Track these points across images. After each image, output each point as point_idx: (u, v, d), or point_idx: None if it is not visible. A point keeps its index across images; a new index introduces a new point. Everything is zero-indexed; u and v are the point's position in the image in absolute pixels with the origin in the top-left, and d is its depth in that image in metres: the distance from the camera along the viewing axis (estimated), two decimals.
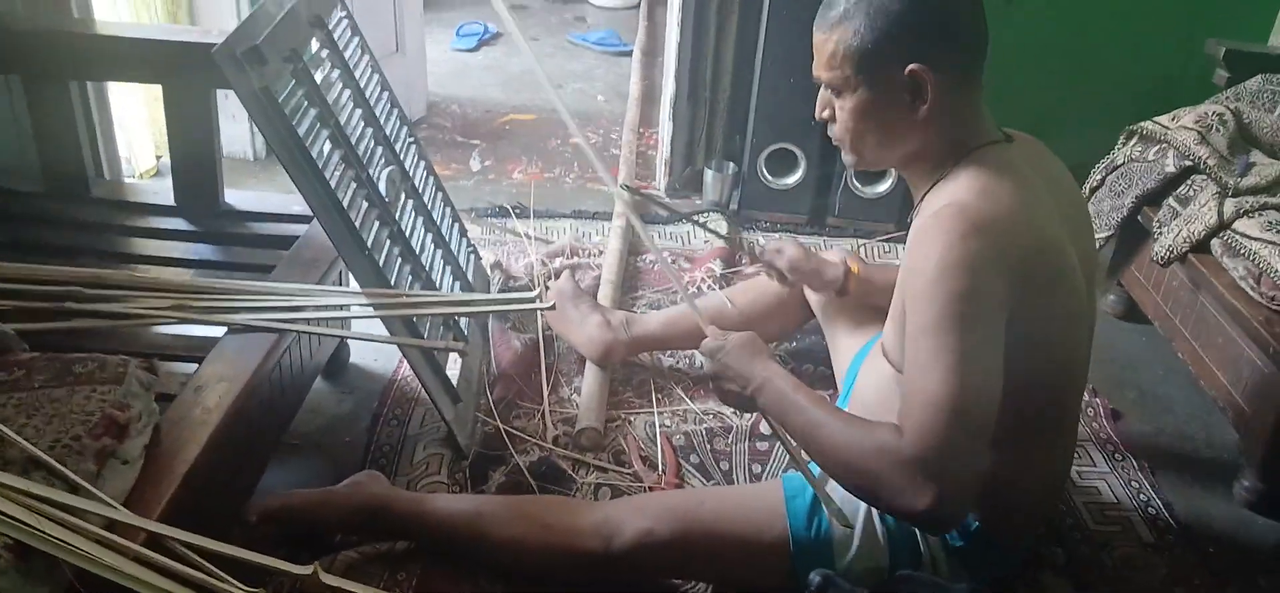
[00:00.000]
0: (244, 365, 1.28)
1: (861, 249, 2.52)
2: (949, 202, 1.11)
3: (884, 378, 1.29)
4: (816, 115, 1.26)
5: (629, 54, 3.96)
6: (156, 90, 2.48)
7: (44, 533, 0.90)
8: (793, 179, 2.56)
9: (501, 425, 1.71)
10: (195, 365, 1.30)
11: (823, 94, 1.23)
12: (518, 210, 2.58)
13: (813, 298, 1.83)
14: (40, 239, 1.56)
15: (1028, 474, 1.27)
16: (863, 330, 1.68)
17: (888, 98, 1.17)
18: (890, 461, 1.06)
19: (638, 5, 4.62)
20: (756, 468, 1.70)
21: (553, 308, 1.89)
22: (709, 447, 1.74)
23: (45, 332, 1.29)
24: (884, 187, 2.54)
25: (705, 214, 2.60)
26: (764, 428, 1.77)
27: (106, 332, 1.34)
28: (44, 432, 1.01)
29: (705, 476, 1.68)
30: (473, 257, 2.06)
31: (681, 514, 1.34)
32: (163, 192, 1.74)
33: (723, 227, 2.51)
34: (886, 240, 2.54)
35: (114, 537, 0.95)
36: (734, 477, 1.68)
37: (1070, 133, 1.60)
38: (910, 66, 1.13)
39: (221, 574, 0.99)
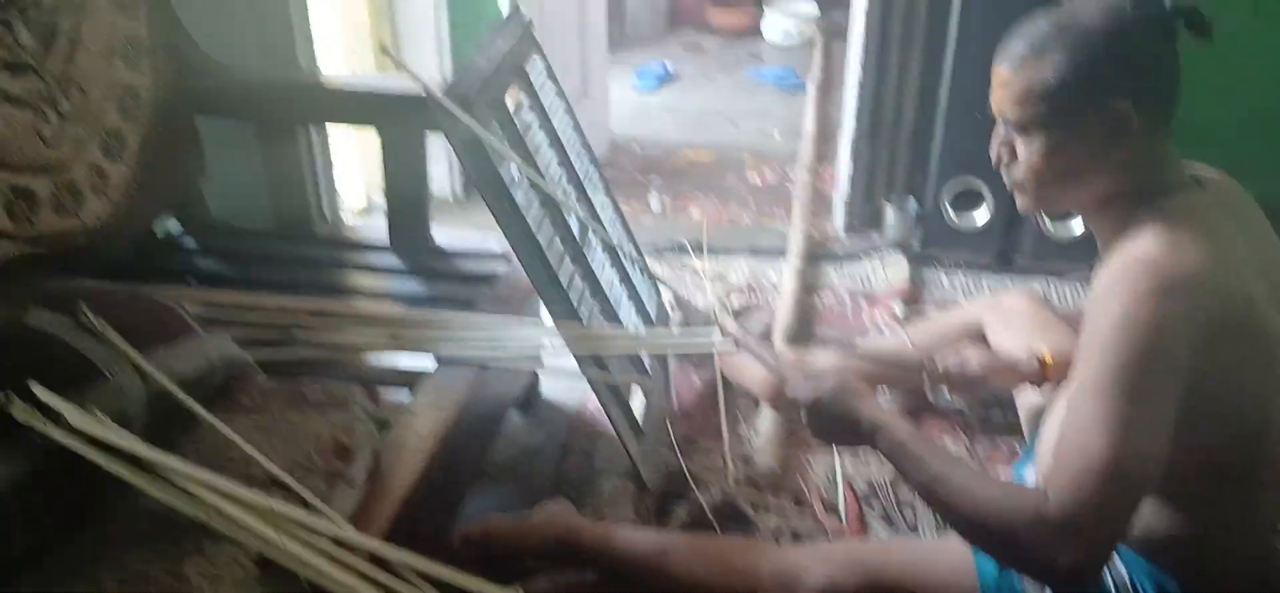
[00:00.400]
0: (452, 395, 1.36)
1: (1050, 291, 2.42)
2: (1137, 256, 1.07)
3: None
4: (993, 156, 1.22)
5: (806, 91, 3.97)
6: (367, 136, 2.69)
7: (285, 548, 0.99)
8: (979, 218, 2.49)
9: (684, 462, 1.74)
10: (407, 393, 1.40)
11: (1002, 133, 1.20)
12: (696, 248, 2.62)
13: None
14: (269, 275, 1.71)
15: (1225, 533, 1.19)
16: None
17: (1082, 137, 1.13)
18: (1032, 518, 1.02)
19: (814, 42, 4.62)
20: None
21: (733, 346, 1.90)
22: (893, 495, 1.71)
23: (276, 360, 1.42)
24: (1078, 228, 2.44)
25: (884, 254, 2.57)
26: None
27: (329, 360, 1.46)
28: (282, 453, 1.11)
29: (888, 524, 1.66)
30: (654, 293, 2.12)
31: (867, 566, 1.32)
32: (377, 231, 1.88)
33: (905, 268, 2.47)
34: (1078, 284, 2.43)
35: (343, 554, 1.03)
36: (919, 528, 1.65)
37: (1265, 170, 1.49)
38: (1112, 102, 1.10)
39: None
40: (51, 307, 1.12)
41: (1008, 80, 1.15)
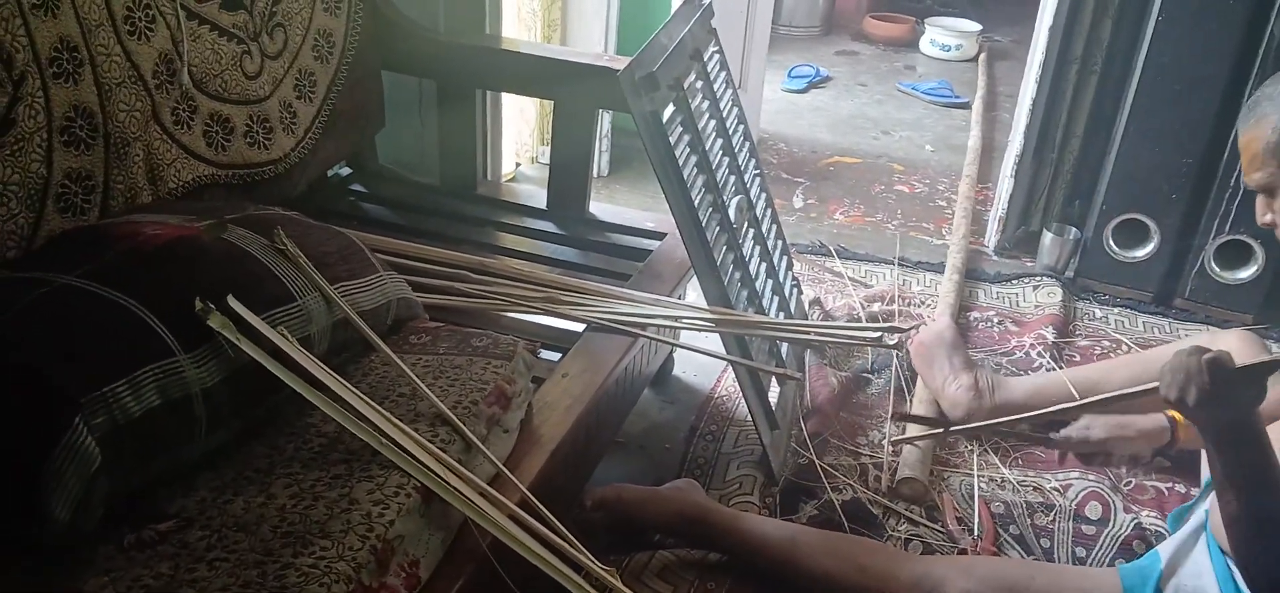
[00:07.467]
0: (603, 361, 1.39)
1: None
2: None
3: None
4: (1259, 221, 1.23)
5: (961, 106, 3.87)
6: (521, 103, 2.76)
7: (445, 481, 1.04)
8: (1142, 252, 2.39)
9: (816, 459, 1.74)
10: (557, 355, 1.43)
11: (1259, 199, 1.20)
12: (839, 251, 2.60)
13: None
14: (433, 227, 1.78)
15: None
16: None
17: None
18: None
19: (973, 58, 4.50)
20: (1080, 552, 1.61)
21: (898, 347, 1.86)
22: (1030, 521, 1.66)
23: (441, 307, 1.47)
24: (1247, 272, 2.31)
25: (1037, 279, 2.49)
26: (1089, 512, 1.67)
27: (486, 313, 1.51)
28: (448, 393, 1.15)
29: (1024, 549, 1.61)
30: (795, 290, 2.11)
31: (1010, 585, 1.30)
32: (536, 195, 1.93)
33: (1058, 295, 2.39)
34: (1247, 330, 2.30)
35: (496, 494, 1.07)
36: (1056, 556, 1.60)
37: None
38: None
39: (579, 545, 1.08)
40: (248, 228, 1.19)
41: (1243, 146, 1.17)
